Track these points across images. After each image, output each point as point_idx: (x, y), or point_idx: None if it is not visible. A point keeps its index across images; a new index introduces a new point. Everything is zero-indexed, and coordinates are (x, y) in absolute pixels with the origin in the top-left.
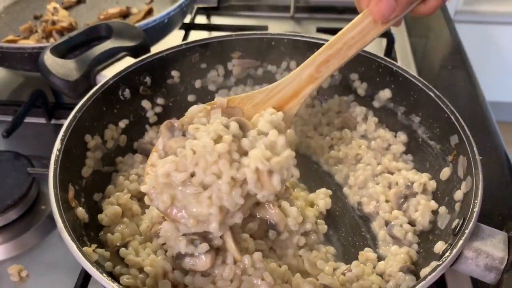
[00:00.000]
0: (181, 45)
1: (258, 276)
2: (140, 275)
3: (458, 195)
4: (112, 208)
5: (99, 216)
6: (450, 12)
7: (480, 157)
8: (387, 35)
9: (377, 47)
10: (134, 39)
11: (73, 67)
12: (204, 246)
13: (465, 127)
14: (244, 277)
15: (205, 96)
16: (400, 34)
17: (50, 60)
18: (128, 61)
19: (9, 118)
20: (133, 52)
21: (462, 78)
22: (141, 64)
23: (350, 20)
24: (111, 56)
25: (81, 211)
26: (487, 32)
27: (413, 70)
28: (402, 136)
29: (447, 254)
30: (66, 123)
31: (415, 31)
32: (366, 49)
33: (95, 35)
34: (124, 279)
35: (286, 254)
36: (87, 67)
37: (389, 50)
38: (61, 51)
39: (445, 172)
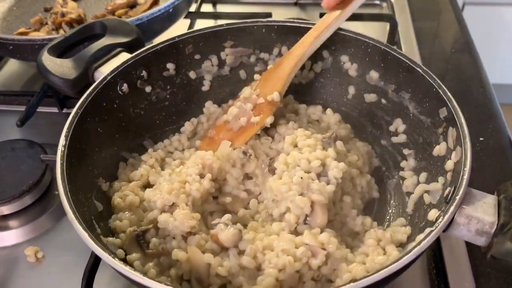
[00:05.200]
0: (174, 38)
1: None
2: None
3: (449, 165)
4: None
5: (117, 200)
6: None
7: (482, 138)
8: (390, 20)
9: (381, 32)
10: (128, 35)
11: (71, 66)
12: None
13: (453, 100)
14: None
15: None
16: (404, 19)
17: (48, 60)
18: (124, 56)
19: (23, 108)
20: (128, 47)
21: (466, 61)
22: (136, 58)
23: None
24: (107, 52)
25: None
26: (498, 14)
27: (416, 54)
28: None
29: (440, 220)
30: (68, 120)
31: (419, 15)
32: (366, 32)
33: (90, 33)
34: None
35: None
36: (85, 65)
37: (392, 35)
38: (58, 51)
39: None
